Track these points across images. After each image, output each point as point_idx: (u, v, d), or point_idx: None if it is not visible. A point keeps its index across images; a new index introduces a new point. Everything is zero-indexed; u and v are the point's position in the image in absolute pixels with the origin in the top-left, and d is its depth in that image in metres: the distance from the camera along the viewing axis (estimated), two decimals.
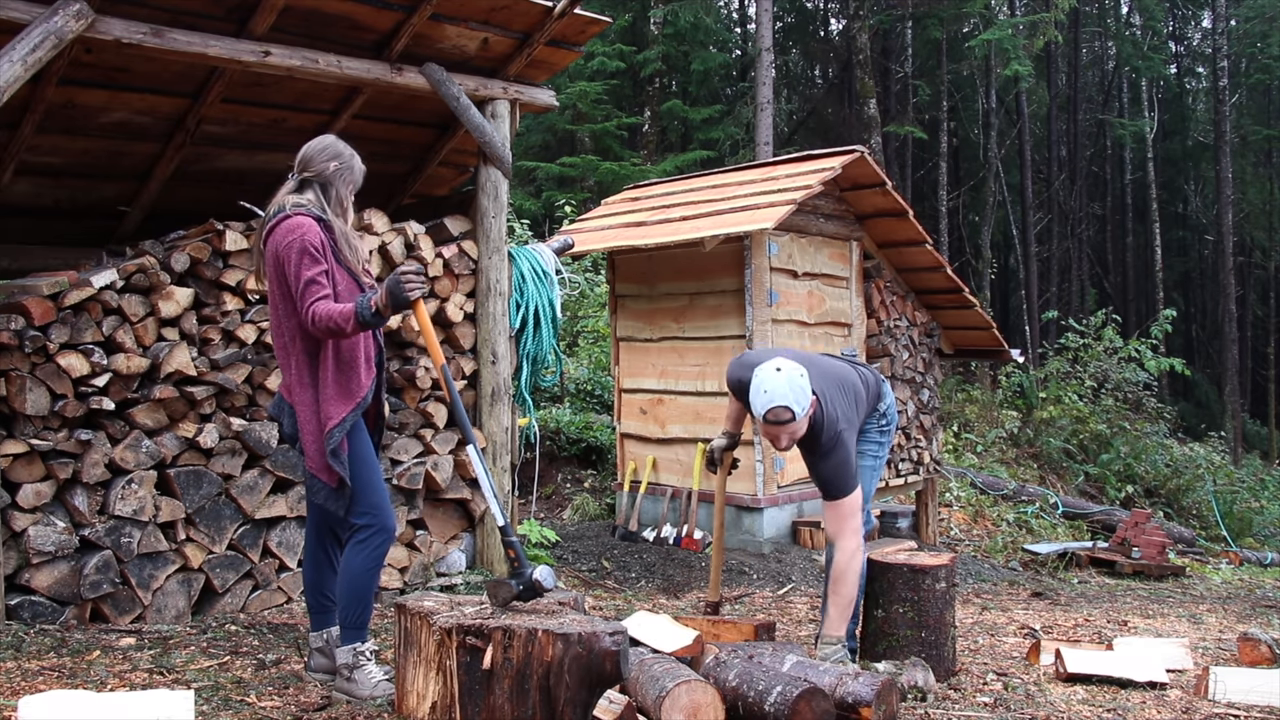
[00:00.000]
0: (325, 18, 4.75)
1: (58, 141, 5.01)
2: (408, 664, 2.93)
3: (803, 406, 3.56)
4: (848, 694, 3.10)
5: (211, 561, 4.47)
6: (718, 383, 7.18)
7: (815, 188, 6.73)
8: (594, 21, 5.42)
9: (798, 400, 3.54)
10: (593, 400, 10.80)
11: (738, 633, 3.85)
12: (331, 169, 3.39)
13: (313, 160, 3.40)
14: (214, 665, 3.62)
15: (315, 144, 3.46)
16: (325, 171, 3.39)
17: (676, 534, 7.23)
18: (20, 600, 4.02)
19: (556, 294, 5.75)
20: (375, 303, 3.14)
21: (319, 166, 3.39)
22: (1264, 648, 4.08)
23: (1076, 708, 3.49)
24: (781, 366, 3.59)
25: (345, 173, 3.43)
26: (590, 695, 2.68)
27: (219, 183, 5.70)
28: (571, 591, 3.48)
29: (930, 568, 3.87)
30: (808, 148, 15.12)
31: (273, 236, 3.28)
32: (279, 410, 3.48)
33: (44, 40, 3.96)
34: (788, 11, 22.50)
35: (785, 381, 3.54)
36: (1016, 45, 16.79)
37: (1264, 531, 11.90)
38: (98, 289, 4.18)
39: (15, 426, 4.07)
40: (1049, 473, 11.65)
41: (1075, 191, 24.32)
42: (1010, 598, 6.40)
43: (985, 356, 8.94)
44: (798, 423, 3.58)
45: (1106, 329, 13.69)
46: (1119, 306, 22.38)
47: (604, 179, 15.59)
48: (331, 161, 3.40)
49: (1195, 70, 28.89)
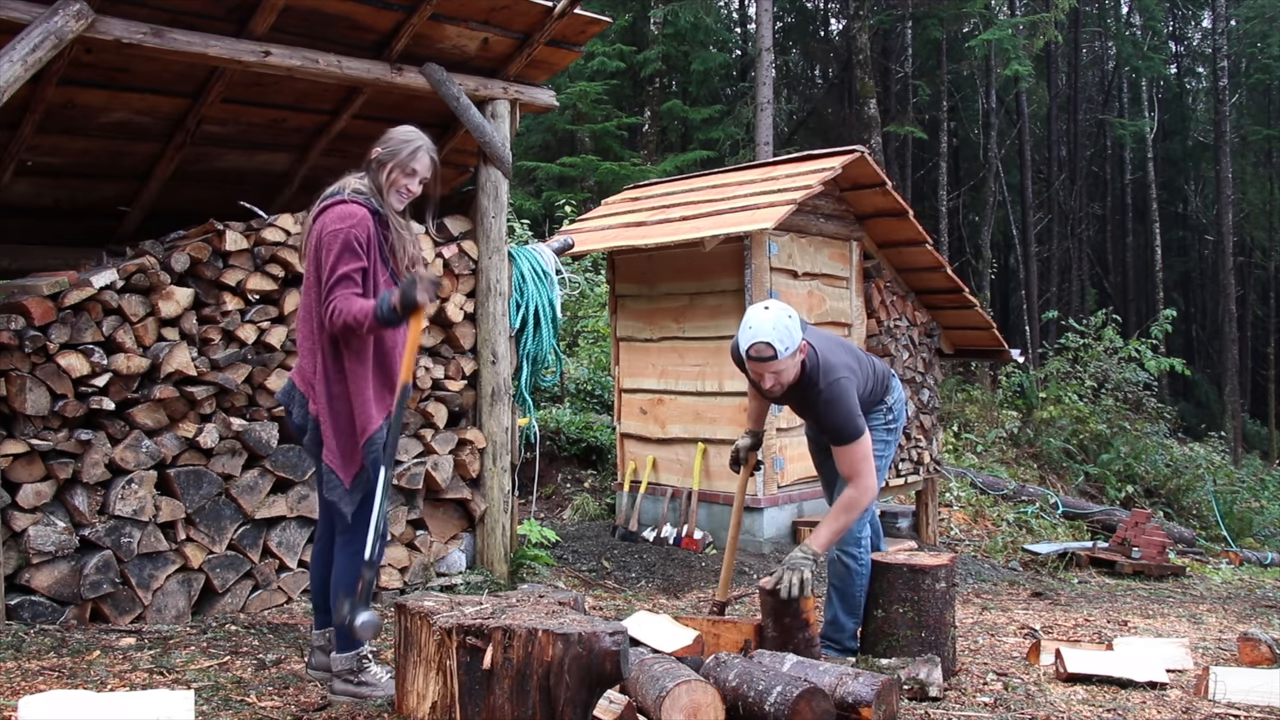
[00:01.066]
0: (325, 18, 4.75)
1: (58, 141, 5.01)
2: (408, 664, 2.93)
3: (787, 346, 3.50)
4: (848, 694, 3.10)
5: (211, 561, 4.47)
6: (718, 383, 7.18)
7: (815, 188, 6.73)
8: (594, 21, 5.42)
9: (781, 339, 3.48)
10: (593, 400, 10.81)
11: (738, 632, 3.85)
12: (399, 156, 3.28)
13: (383, 145, 3.30)
14: (214, 665, 3.62)
15: (395, 130, 3.36)
16: (389, 159, 3.28)
17: (676, 534, 7.23)
18: (20, 600, 4.02)
19: (556, 294, 5.75)
20: (395, 302, 3.03)
21: (383, 153, 3.29)
22: (1264, 648, 4.08)
23: (1076, 708, 3.49)
24: (770, 305, 3.55)
25: (409, 161, 3.30)
26: (590, 695, 2.68)
27: (219, 183, 5.70)
28: (572, 591, 3.48)
29: (930, 568, 3.87)
30: (808, 148, 15.13)
31: (322, 218, 3.18)
32: (288, 399, 3.34)
33: (44, 40, 3.96)
34: (788, 11, 22.51)
35: (771, 319, 3.50)
36: (1016, 45, 16.79)
37: (1264, 531, 11.90)
38: (98, 289, 4.18)
39: (15, 426, 4.07)
40: (1049, 473, 11.65)
41: (1075, 191, 24.33)
42: (1010, 598, 6.40)
43: (985, 356, 8.94)
44: (781, 362, 3.52)
45: (1106, 329, 13.70)
46: (1119, 306, 22.38)
47: (604, 179, 15.59)
48: (401, 148, 3.29)
49: (1195, 70, 28.90)
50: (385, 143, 3.32)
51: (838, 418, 3.65)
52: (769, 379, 3.59)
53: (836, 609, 4.06)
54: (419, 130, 3.40)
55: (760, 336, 3.50)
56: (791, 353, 3.53)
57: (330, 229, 3.13)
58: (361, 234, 3.13)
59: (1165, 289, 23.31)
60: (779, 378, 3.59)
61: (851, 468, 3.69)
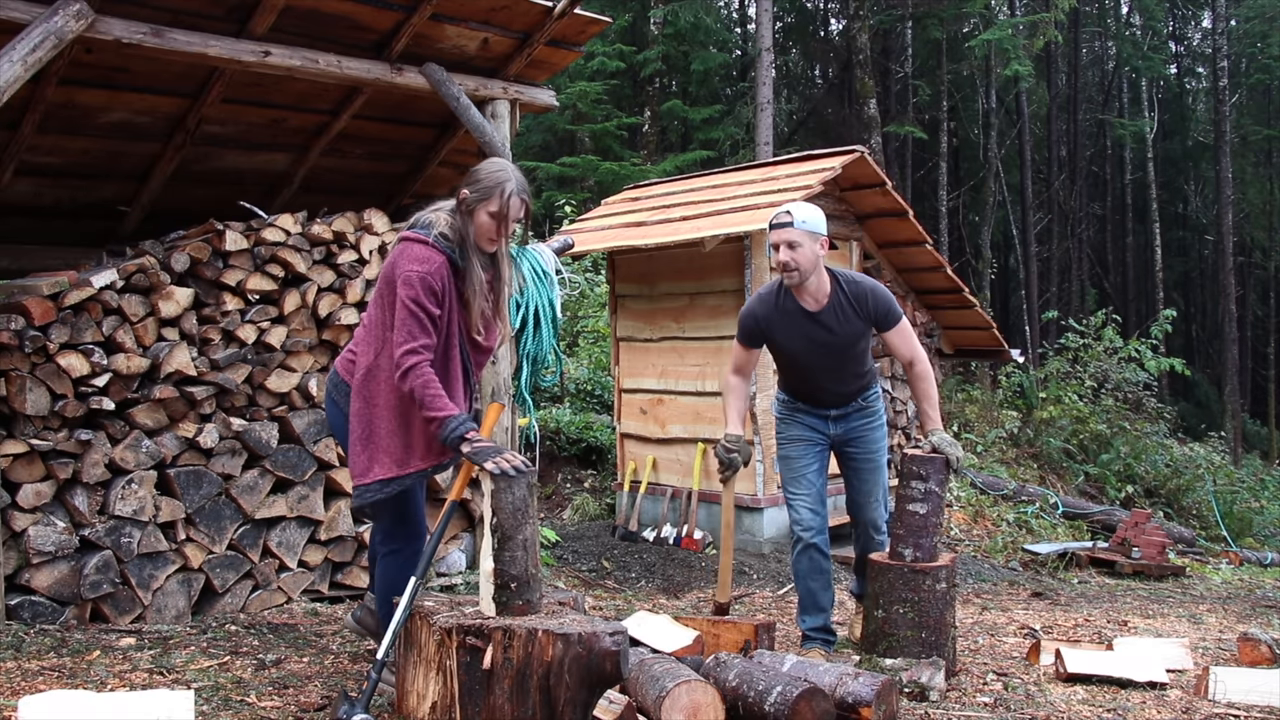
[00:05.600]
0: (325, 18, 4.75)
1: (58, 141, 5.01)
2: (408, 664, 2.93)
3: (804, 220, 3.79)
4: (848, 694, 3.10)
5: (211, 561, 4.47)
6: (718, 382, 7.18)
7: (815, 188, 6.73)
8: (594, 21, 5.42)
9: (801, 213, 3.81)
10: (593, 400, 10.80)
11: (738, 632, 3.85)
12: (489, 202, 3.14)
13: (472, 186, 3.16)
14: (214, 665, 3.62)
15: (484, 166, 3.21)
16: (477, 204, 3.15)
17: (676, 534, 7.23)
18: (20, 600, 4.02)
19: (557, 294, 5.72)
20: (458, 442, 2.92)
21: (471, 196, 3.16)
22: (1264, 648, 4.08)
23: (1076, 708, 3.49)
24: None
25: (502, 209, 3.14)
26: (590, 695, 2.68)
27: (219, 183, 5.70)
28: (571, 591, 3.48)
29: (930, 568, 3.87)
30: (808, 148, 15.11)
31: (402, 251, 3.10)
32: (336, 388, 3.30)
33: (44, 40, 3.96)
34: (788, 11, 22.49)
35: (800, 203, 3.95)
36: (1016, 45, 16.78)
37: (1264, 531, 11.89)
38: (98, 289, 4.18)
39: (15, 426, 4.07)
40: (1049, 473, 11.64)
41: (1075, 191, 24.32)
42: (1010, 598, 6.40)
43: (985, 356, 8.95)
44: (797, 231, 3.78)
45: (1106, 329, 13.68)
46: (1119, 306, 22.36)
47: (604, 179, 15.59)
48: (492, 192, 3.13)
49: (1195, 70, 28.89)
50: (474, 184, 3.17)
51: (885, 299, 3.95)
52: (783, 250, 3.81)
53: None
54: (508, 165, 3.26)
55: (784, 207, 3.89)
56: (809, 231, 3.80)
57: (405, 269, 3.05)
58: (437, 284, 3.06)
59: (1165, 289, 23.29)
60: (793, 254, 3.79)
61: (911, 345, 4.00)
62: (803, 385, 4.13)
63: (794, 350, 4.02)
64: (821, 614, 4.14)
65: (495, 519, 2.82)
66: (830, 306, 3.91)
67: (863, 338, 4.00)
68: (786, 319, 3.96)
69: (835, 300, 3.91)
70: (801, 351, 4.00)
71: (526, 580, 2.84)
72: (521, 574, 2.83)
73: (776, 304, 3.98)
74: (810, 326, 3.94)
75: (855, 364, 4.05)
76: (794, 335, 3.97)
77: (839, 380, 4.06)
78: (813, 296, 3.91)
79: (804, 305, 3.93)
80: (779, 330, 3.98)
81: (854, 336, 3.96)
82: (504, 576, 2.82)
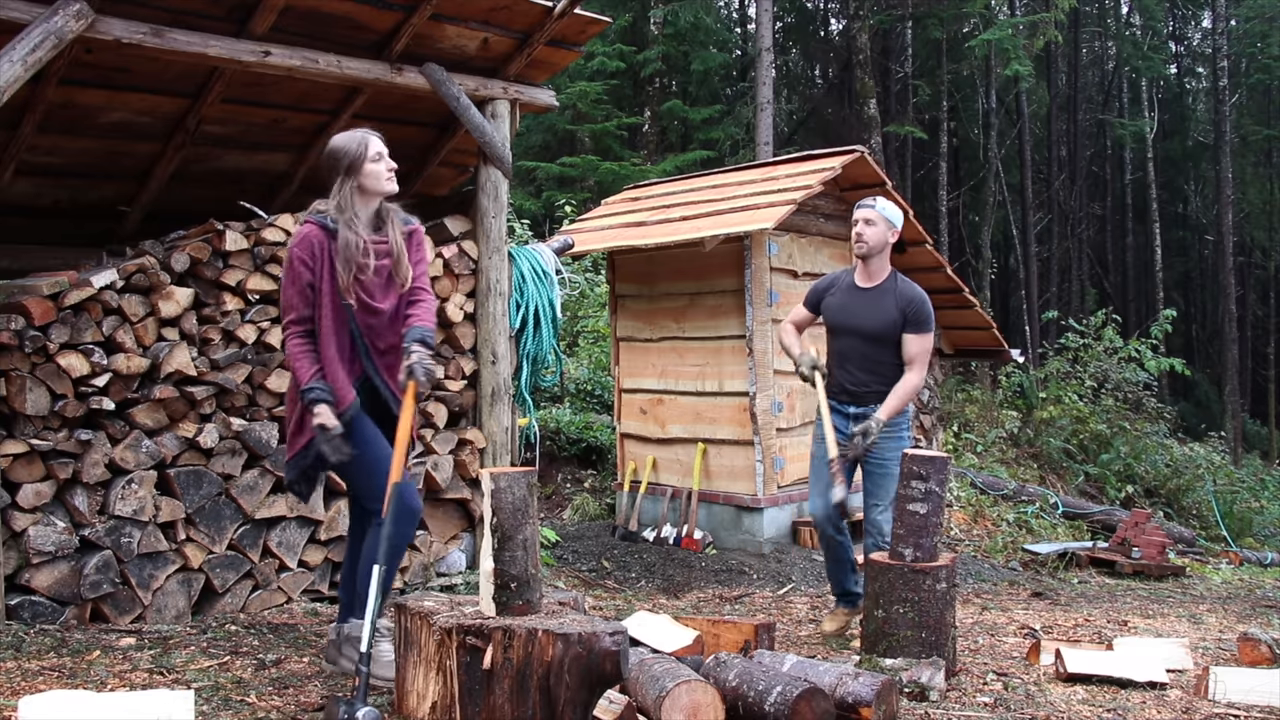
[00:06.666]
0: (325, 18, 4.74)
1: (58, 141, 5.01)
2: (408, 664, 2.93)
3: (884, 210, 4.43)
4: (848, 694, 3.10)
5: (211, 561, 4.47)
6: (718, 383, 7.18)
7: (815, 188, 6.73)
8: (594, 21, 5.42)
9: (883, 206, 4.45)
10: (593, 400, 10.80)
11: (738, 633, 3.85)
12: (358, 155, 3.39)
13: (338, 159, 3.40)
14: (214, 665, 3.62)
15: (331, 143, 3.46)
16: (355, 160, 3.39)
17: (676, 534, 7.23)
18: (20, 600, 4.02)
19: (556, 294, 5.75)
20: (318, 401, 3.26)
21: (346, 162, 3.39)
22: (1264, 648, 4.08)
23: (1076, 708, 3.49)
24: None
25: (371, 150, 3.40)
26: (590, 695, 2.68)
27: (219, 183, 5.69)
28: (571, 591, 3.48)
29: (930, 568, 3.87)
30: (808, 148, 15.12)
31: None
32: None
33: (44, 40, 3.96)
34: (788, 11, 22.49)
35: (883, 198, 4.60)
36: (1016, 45, 16.77)
37: (1264, 531, 11.89)
38: (98, 289, 4.18)
39: (15, 426, 4.07)
40: (1049, 473, 11.64)
41: (1075, 191, 24.32)
42: (1010, 598, 6.40)
43: (985, 356, 8.95)
44: (876, 213, 4.42)
45: (1106, 329, 13.68)
46: (1119, 306, 22.37)
47: (604, 179, 15.58)
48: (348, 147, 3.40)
49: (1195, 70, 28.90)
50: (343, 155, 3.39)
51: (926, 309, 4.43)
52: (860, 225, 4.44)
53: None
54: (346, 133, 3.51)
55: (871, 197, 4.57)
56: (886, 219, 4.43)
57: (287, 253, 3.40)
58: (304, 252, 3.34)
59: (1165, 289, 23.30)
60: (868, 228, 4.42)
61: (920, 356, 4.42)
62: (835, 368, 4.62)
63: (833, 319, 4.59)
64: (839, 585, 4.72)
65: (495, 519, 2.82)
66: (878, 289, 4.49)
67: (892, 331, 4.43)
68: (840, 288, 4.60)
69: (885, 286, 4.48)
70: (839, 322, 4.56)
71: (526, 580, 2.85)
72: (521, 574, 2.83)
73: (840, 277, 4.67)
74: (855, 298, 4.52)
75: (878, 353, 4.46)
76: (840, 303, 4.56)
77: (861, 367, 4.50)
78: (869, 275, 4.52)
79: (857, 280, 4.55)
80: (832, 296, 4.61)
81: (885, 323, 4.42)
82: (504, 576, 2.82)
